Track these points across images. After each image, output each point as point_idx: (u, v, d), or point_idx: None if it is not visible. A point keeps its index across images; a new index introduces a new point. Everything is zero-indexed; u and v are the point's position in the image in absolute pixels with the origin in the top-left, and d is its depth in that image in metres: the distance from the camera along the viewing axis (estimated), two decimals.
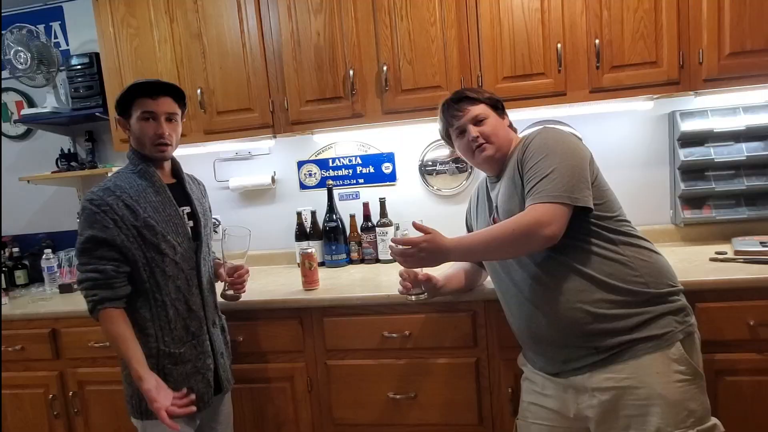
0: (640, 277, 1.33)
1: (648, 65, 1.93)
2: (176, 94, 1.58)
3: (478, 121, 1.48)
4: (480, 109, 1.49)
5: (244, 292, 1.76)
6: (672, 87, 1.94)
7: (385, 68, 2.08)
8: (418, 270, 1.61)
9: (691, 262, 1.88)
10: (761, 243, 1.92)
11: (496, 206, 1.49)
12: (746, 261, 1.81)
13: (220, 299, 1.74)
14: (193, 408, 1.48)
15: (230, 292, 1.72)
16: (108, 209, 1.47)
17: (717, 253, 1.93)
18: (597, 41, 1.94)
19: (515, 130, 1.57)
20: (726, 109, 2.15)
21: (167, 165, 1.65)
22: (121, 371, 1.60)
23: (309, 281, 2.00)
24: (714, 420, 1.33)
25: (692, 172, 2.19)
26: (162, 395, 1.43)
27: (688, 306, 1.38)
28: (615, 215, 1.38)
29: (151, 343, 1.53)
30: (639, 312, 1.31)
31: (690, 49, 1.91)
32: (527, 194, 1.33)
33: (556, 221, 1.27)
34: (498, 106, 1.52)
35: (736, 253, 1.89)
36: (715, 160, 2.13)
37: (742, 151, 2.12)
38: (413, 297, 1.64)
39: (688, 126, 2.15)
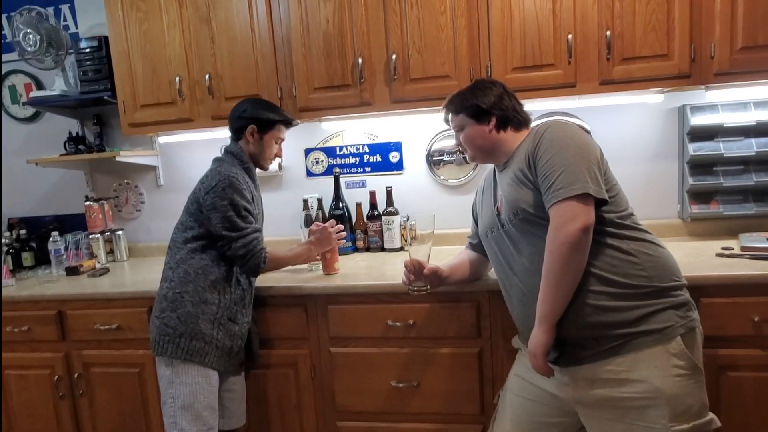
0: (644, 271, 1.32)
1: (659, 58, 1.92)
2: None
3: (459, 129, 1.57)
4: (457, 120, 1.57)
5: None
6: (683, 80, 1.93)
7: (394, 57, 2.07)
8: (424, 261, 1.62)
9: (697, 257, 1.88)
10: None
11: (502, 196, 1.49)
12: (753, 257, 1.80)
13: None
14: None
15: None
16: (246, 188, 1.79)
17: (723, 248, 1.93)
18: (608, 33, 1.92)
19: (516, 128, 1.54)
20: (736, 104, 2.14)
21: None
22: (153, 319, 1.78)
23: (327, 266, 2.05)
24: (711, 415, 1.33)
25: (701, 166, 2.18)
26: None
27: (691, 301, 1.37)
28: (622, 209, 1.38)
29: (220, 296, 1.77)
30: (640, 305, 1.31)
31: (702, 42, 1.89)
32: (545, 191, 1.33)
33: (579, 214, 1.27)
34: (479, 114, 1.51)
35: (743, 249, 1.88)
36: (725, 155, 2.12)
37: (752, 146, 2.10)
38: (415, 290, 1.65)
39: (698, 120, 2.14)
